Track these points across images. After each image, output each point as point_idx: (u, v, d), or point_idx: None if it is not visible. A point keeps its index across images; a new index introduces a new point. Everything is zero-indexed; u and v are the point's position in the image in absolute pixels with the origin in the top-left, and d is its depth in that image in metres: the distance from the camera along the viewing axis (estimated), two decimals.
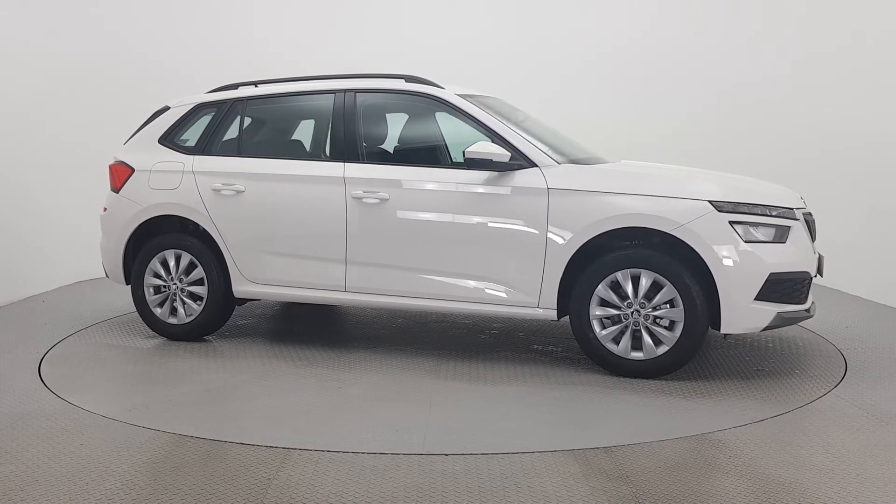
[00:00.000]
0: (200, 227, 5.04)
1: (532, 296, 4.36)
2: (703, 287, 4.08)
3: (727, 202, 4.10)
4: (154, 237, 5.16)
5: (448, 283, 4.50)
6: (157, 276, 5.13)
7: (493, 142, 4.46)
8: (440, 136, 5.17)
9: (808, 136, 7.22)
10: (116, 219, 5.23)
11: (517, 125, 4.74)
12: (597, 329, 4.26)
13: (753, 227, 4.09)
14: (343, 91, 4.88)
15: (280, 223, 4.83)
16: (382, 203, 4.60)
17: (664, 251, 4.17)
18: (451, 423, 3.65)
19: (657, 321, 4.16)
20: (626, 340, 4.22)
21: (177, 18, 7.76)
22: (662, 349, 4.16)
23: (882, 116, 6.41)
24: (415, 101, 4.84)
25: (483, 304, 4.47)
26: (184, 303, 5.08)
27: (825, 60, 7.06)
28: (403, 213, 4.57)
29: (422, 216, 4.53)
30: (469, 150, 4.35)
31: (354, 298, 4.74)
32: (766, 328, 4.13)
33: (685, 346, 4.13)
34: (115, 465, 3.15)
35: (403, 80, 4.86)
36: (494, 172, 4.39)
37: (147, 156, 5.20)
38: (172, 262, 5.08)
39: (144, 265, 5.14)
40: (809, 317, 4.33)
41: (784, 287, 4.12)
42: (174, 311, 5.12)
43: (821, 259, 4.48)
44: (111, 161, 5.37)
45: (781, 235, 4.15)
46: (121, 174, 5.24)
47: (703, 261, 4.05)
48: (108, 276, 5.41)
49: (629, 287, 4.18)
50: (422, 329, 5.47)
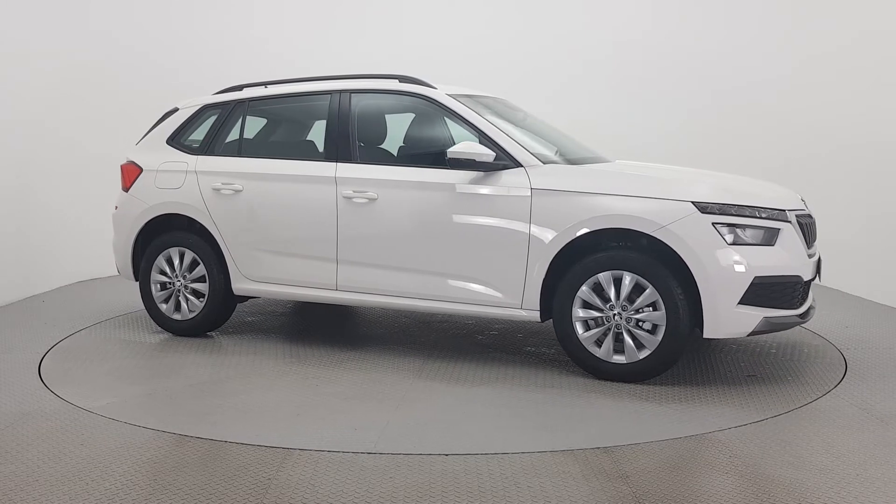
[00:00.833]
0: (203, 226, 5.13)
1: (515, 297, 4.32)
2: (687, 290, 3.98)
3: (712, 203, 3.99)
4: (160, 235, 5.30)
5: (433, 283, 4.48)
6: (163, 273, 5.26)
7: (480, 142, 4.44)
8: (433, 136, 5.16)
9: (808, 136, 7.21)
10: (126, 217, 5.39)
11: (513, 125, 4.73)
12: (580, 331, 4.20)
13: (740, 229, 3.97)
14: (339, 92, 4.92)
15: (275, 222, 4.90)
16: (371, 203, 4.61)
17: (648, 253, 4.09)
18: (411, 423, 3.63)
19: (639, 324, 4.09)
20: (609, 343, 4.15)
21: (176, 18, 7.77)
22: (644, 353, 4.08)
23: (882, 116, 6.41)
24: (407, 101, 4.85)
25: (468, 305, 4.44)
26: (187, 299, 5.20)
27: (825, 60, 7.06)
28: (390, 213, 4.57)
29: (408, 216, 4.53)
30: (451, 151, 4.33)
31: (344, 297, 4.76)
32: (753, 333, 3.98)
33: (667, 350, 4.03)
34: (115, 465, 3.15)
35: (397, 81, 4.87)
36: (480, 172, 4.37)
37: (155, 156, 5.35)
38: (177, 260, 5.22)
39: (151, 262, 5.28)
40: (803, 322, 4.18)
41: (771, 291, 3.98)
42: (179, 308, 5.23)
43: (819, 262, 4.41)
44: (123, 161, 5.54)
45: (770, 238, 4.01)
46: (130, 174, 5.41)
47: (685, 263, 3.98)
48: (120, 273, 5.56)
49: (612, 289, 4.11)
50: (423, 329, 5.47)
